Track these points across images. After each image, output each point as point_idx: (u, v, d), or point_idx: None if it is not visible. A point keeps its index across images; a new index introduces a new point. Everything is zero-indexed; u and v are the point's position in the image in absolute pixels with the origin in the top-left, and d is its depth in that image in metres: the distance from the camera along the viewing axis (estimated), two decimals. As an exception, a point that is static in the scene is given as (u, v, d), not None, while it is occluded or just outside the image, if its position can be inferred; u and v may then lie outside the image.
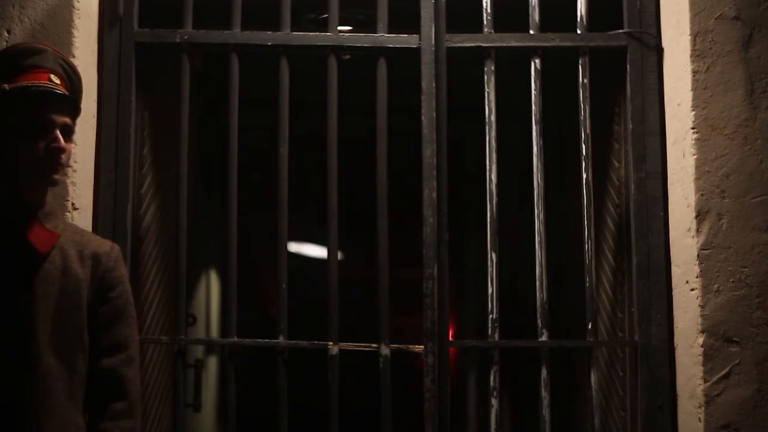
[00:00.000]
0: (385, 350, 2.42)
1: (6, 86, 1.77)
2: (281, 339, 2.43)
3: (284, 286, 2.45)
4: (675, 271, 2.37)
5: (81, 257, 1.85)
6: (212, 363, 3.91)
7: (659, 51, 2.47)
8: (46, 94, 1.79)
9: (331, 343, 2.43)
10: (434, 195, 2.44)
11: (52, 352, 1.76)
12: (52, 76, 1.81)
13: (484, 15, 2.53)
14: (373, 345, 2.44)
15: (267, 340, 2.45)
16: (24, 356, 1.73)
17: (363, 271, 2.83)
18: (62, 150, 1.79)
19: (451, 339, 2.51)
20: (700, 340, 2.21)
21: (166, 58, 2.65)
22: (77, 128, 2.30)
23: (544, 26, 2.53)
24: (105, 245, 1.92)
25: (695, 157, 2.28)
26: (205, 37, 2.52)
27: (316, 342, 2.44)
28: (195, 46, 2.54)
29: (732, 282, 2.23)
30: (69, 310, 1.80)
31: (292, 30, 2.52)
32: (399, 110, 2.65)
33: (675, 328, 2.36)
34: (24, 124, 1.76)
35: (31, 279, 1.76)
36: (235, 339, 2.44)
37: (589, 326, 2.45)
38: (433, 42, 2.50)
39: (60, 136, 1.79)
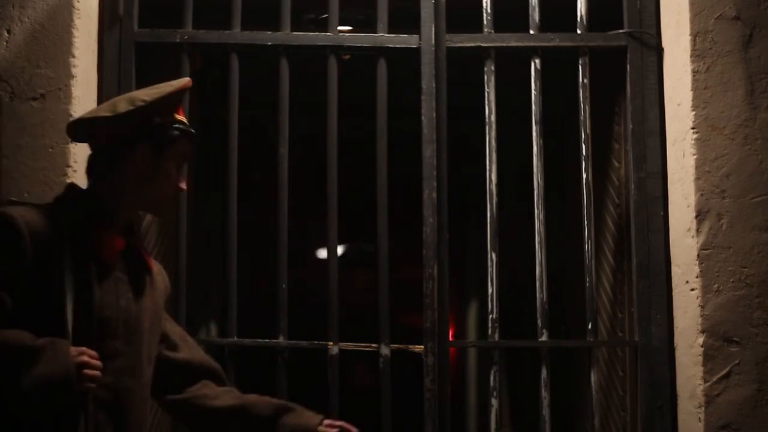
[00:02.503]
0: (385, 350, 2.42)
1: (178, 117, 1.85)
2: (281, 339, 2.43)
3: (284, 286, 2.45)
4: (675, 271, 2.37)
5: (158, 272, 1.94)
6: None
7: (659, 51, 2.47)
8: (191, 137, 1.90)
9: (331, 343, 2.43)
10: (434, 195, 2.44)
11: (149, 363, 1.85)
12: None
13: (484, 15, 2.53)
14: (374, 345, 2.43)
15: (267, 340, 2.45)
16: (138, 370, 1.79)
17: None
18: (184, 191, 1.92)
19: (451, 339, 2.50)
20: (700, 340, 2.21)
21: (167, 58, 2.65)
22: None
23: (544, 26, 2.53)
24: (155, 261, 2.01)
25: (695, 157, 2.28)
26: (205, 37, 2.52)
27: (316, 342, 2.44)
28: (195, 47, 2.54)
29: (732, 282, 2.23)
30: (157, 321, 1.90)
31: (292, 30, 2.52)
32: (399, 110, 2.65)
33: (675, 328, 2.36)
34: (172, 158, 1.83)
35: (141, 294, 1.83)
36: (235, 339, 2.44)
37: (589, 326, 2.45)
38: (433, 42, 2.50)
39: (185, 179, 1.90)
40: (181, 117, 1.86)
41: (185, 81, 1.89)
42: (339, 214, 2.49)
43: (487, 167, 2.51)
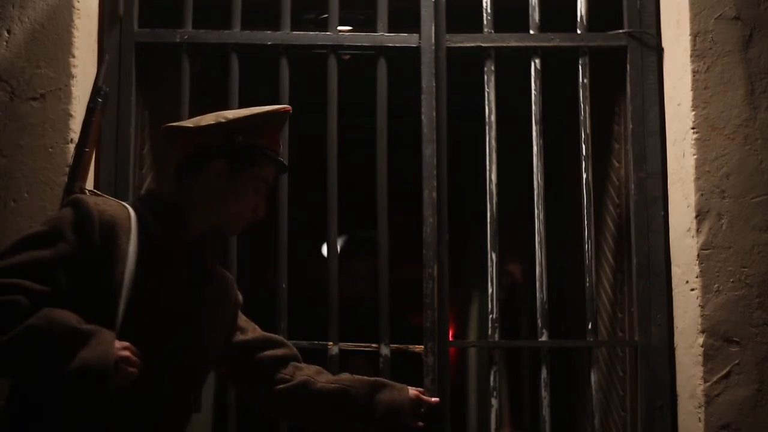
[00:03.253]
0: (385, 350, 2.42)
1: (266, 141, 1.85)
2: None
3: (284, 285, 2.45)
4: (675, 271, 2.37)
5: (222, 284, 1.95)
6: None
7: (659, 51, 2.47)
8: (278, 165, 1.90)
9: (331, 343, 2.42)
10: (434, 195, 2.44)
11: (201, 380, 1.91)
12: (280, 140, 1.92)
13: (484, 15, 2.53)
14: (373, 345, 2.43)
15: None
16: (178, 379, 1.79)
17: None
18: (261, 218, 1.90)
19: (451, 339, 2.50)
20: (700, 340, 2.21)
21: (167, 57, 2.65)
22: (78, 129, 2.32)
23: (544, 26, 2.53)
24: (225, 271, 2.01)
25: (695, 157, 2.28)
26: (204, 37, 2.52)
27: (316, 342, 2.44)
28: (195, 47, 2.54)
29: (732, 282, 2.23)
30: (217, 336, 1.92)
31: (292, 30, 2.52)
32: (401, 110, 2.65)
33: (675, 328, 2.36)
34: (249, 180, 1.84)
35: (202, 307, 1.84)
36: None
37: (589, 326, 2.45)
38: (433, 41, 2.50)
39: (264, 205, 1.89)
40: (269, 142, 1.85)
41: (278, 107, 1.89)
42: (341, 213, 2.49)
43: (487, 167, 2.51)
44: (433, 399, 2.13)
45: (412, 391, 2.11)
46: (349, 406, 2.04)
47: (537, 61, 2.53)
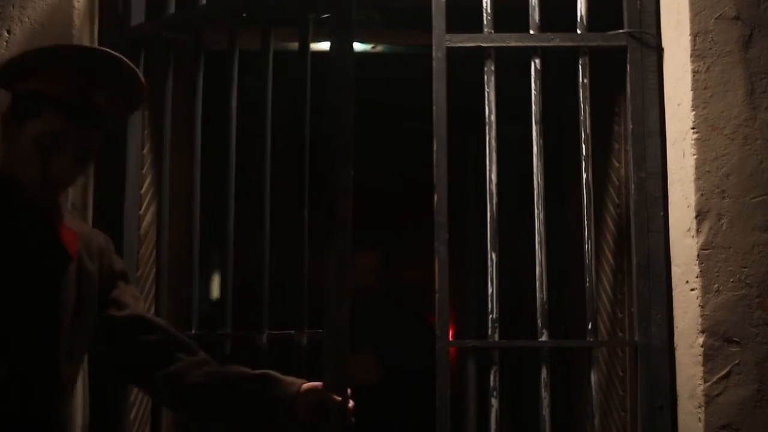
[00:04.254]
0: (301, 338, 2.12)
1: (45, 89, 1.63)
2: (224, 330, 2.25)
3: (230, 273, 2.27)
4: (675, 271, 2.37)
5: (90, 253, 1.80)
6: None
7: (659, 51, 2.47)
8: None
9: (257, 331, 2.19)
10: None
11: (69, 360, 1.72)
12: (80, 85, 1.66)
13: (484, 15, 2.53)
14: (291, 331, 2.15)
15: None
16: (49, 370, 1.68)
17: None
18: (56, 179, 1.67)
19: (451, 339, 2.50)
20: (700, 340, 2.21)
21: (166, 56, 2.64)
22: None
23: (544, 26, 2.53)
24: (101, 237, 1.88)
25: (695, 157, 2.28)
26: (184, 17, 2.40)
27: (243, 331, 2.22)
28: (176, 29, 2.43)
29: (732, 282, 2.23)
30: (85, 313, 1.76)
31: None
32: (410, 111, 2.62)
33: (675, 328, 2.36)
34: (33, 133, 1.64)
35: (56, 284, 1.70)
36: (193, 331, 2.26)
37: (589, 326, 2.44)
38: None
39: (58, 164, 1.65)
40: (54, 87, 1.60)
41: (53, 45, 1.70)
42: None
43: (487, 167, 2.50)
44: (336, 396, 1.77)
45: (306, 385, 1.85)
46: (225, 400, 1.83)
47: (537, 61, 2.53)
